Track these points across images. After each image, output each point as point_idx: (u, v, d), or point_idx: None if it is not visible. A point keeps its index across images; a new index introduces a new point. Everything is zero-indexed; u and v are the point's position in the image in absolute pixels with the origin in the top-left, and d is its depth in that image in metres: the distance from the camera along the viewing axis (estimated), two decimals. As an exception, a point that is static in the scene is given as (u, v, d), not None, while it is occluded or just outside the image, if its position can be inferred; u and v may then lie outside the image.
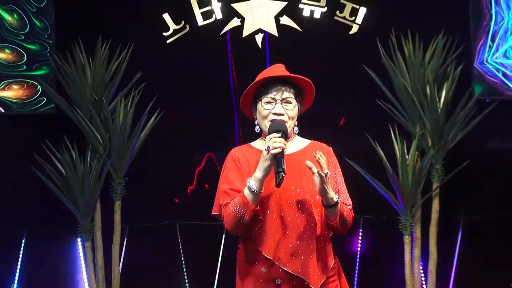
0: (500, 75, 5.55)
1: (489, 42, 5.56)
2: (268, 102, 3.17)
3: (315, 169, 2.97)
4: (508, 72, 5.55)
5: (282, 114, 3.14)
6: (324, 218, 3.15)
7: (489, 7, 5.57)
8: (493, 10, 5.56)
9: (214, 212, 3.22)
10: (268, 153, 2.96)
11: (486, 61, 5.55)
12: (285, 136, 3.06)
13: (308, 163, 2.99)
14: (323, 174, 2.96)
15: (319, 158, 2.96)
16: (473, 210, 5.61)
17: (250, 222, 3.09)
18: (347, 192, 3.28)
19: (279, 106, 3.14)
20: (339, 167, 3.30)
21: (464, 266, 5.64)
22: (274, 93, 3.16)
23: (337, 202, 3.07)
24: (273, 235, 3.10)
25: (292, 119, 3.19)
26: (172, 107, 5.62)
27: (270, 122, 3.14)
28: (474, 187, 5.50)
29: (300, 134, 3.32)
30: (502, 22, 5.55)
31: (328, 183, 3.02)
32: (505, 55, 5.56)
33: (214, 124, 5.73)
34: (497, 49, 5.55)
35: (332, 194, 3.05)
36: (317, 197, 3.11)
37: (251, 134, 3.33)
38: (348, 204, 3.24)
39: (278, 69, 3.25)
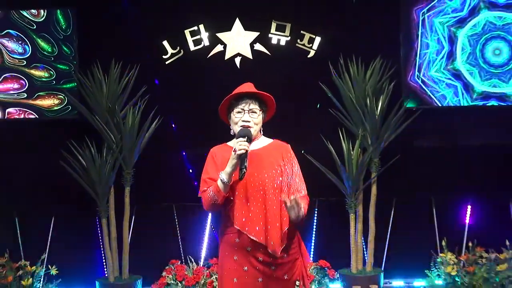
0: (419, 81, 5.68)
1: (416, 72, 5.67)
2: (239, 112, 3.21)
3: (288, 204, 3.03)
4: (425, 80, 5.68)
5: (249, 121, 3.19)
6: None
7: (417, 28, 5.66)
8: (420, 31, 5.65)
9: (199, 196, 3.23)
10: (235, 153, 3.04)
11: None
12: (249, 140, 3.10)
13: (284, 199, 3.04)
14: (299, 212, 3.03)
15: (298, 200, 3.02)
16: (403, 193, 5.67)
17: (223, 204, 3.13)
18: (303, 179, 3.29)
19: (246, 115, 3.20)
20: (296, 159, 3.30)
21: (396, 236, 5.73)
22: (243, 105, 3.20)
23: (302, 216, 3.11)
24: (242, 211, 3.13)
25: (257, 124, 3.22)
26: (170, 113, 5.69)
27: (239, 128, 3.18)
28: (404, 176, 5.51)
29: (271, 135, 3.37)
30: (425, 55, 5.67)
31: (300, 212, 3.06)
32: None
33: (201, 125, 5.71)
34: (423, 77, 5.71)
35: (299, 214, 3.08)
36: (278, 182, 3.15)
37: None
38: (303, 190, 3.26)
39: (247, 87, 3.29)
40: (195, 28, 5.73)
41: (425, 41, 5.69)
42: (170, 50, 5.75)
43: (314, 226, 5.76)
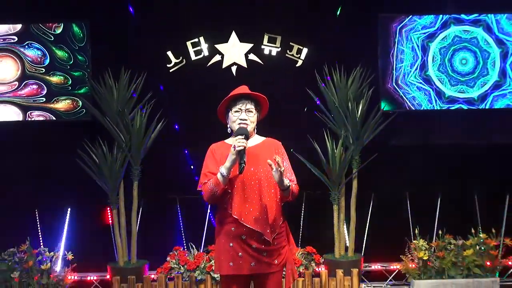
0: (394, 84, 5.75)
1: (393, 84, 5.74)
2: (237, 111, 3.24)
3: (274, 167, 3.04)
4: (399, 82, 5.75)
5: (246, 119, 3.23)
6: (276, 191, 3.21)
7: (394, 36, 5.72)
8: (396, 39, 5.72)
9: (198, 188, 3.28)
10: (234, 150, 3.07)
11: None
12: (247, 137, 3.13)
13: (269, 161, 3.04)
14: (281, 170, 3.06)
15: (278, 160, 3.02)
16: (380, 187, 5.71)
17: (222, 195, 3.16)
18: (292, 171, 3.33)
19: (243, 114, 3.24)
20: (286, 154, 3.35)
21: (374, 225, 5.73)
22: (241, 105, 3.24)
23: (289, 186, 3.17)
24: (239, 202, 3.16)
25: (253, 123, 3.27)
26: (173, 116, 5.70)
27: (237, 126, 3.21)
28: (381, 171, 5.56)
29: (265, 135, 3.40)
30: (401, 69, 5.74)
31: (284, 175, 3.09)
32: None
33: (201, 126, 5.68)
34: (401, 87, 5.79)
35: (286, 182, 3.13)
36: (269, 175, 3.15)
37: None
38: (293, 180, 3.28)
39: (243, 89, 3.32)
40: (196, 40, 5.75)
41: (401, 48, 5.75)
42: (173, 60, 5.77)
43: (302, 216, 5.77)
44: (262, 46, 5.76)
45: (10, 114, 5.76)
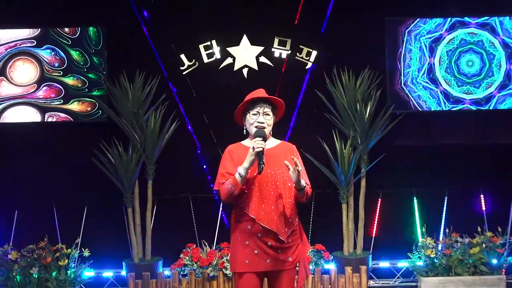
0: (401, 85, 5.71)
1: (402, 85, 5.70)
2: (254, 114, 3.24)
3: (291, 167, 3.06)
4: (408, 83, 5.70)
5: (263, 122, 3.22)
6: (291, 192, 3.21)
7: (402, 36, 5.69)
8: (405, 38, 5.68)
9: (215, 188, 3.27)
10: (253, 151, 3.06)
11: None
12: (264, 139, 3.13)
13: (286, 162, 3.06)
14: (299, 169, 3.08)
15: (296, 161, 3.05)
16: (388, 186, 5.69)
17: (239, 195, 3.15)
18: (306, 175, 3.33)
19: (261, 117, 3.23)
20: (300, 157, 3.35)
21: (383, 223, 5.71)
22: (259, 108, 3.24)
23: (305, 187, 3.19)
24: (256, 202, 3.16)
25: (270, 126, 3.27)
26: (186, 117, 5.67)
27: (255, 129, 3.21)
28: (389, 171, 5.52)
29: (276, 137, 3.39)
30: (408, 74, 5.69)
31: (301, 176, 3.11)
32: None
33: (214, 127, 5.72)
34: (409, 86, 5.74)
35: (303, 182, 3.15)
36: (285, 177, 3.18)
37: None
38: (308, 183, 3.29)
39: (261, 92, 3.33)
40: (208, 43, 5.73)
41: (409, 47, 5.70)
42: (186, 62, 5.75)
43: (312, 215, 5.73)
44: (273, 49, 5.74)
45: (29, 115, 5.76)
